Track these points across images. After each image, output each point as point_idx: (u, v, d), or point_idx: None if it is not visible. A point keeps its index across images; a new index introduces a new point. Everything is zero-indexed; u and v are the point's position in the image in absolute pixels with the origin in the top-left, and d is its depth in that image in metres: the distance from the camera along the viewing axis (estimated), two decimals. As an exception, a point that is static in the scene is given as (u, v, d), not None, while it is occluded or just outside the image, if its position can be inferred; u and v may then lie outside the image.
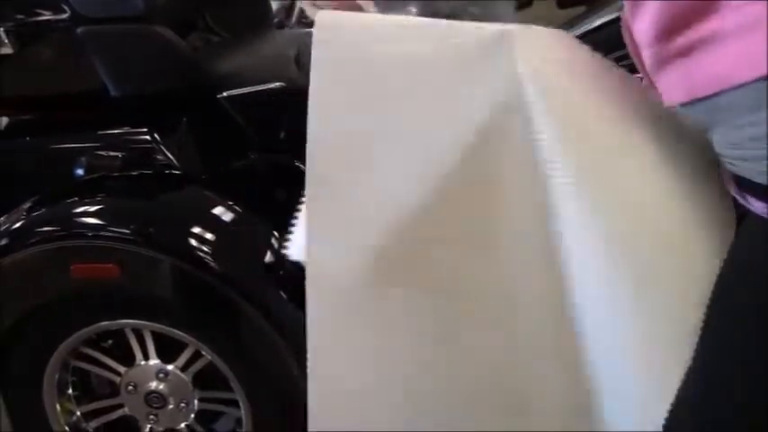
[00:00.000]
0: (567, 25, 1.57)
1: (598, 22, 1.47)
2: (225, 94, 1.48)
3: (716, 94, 0.81)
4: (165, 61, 1.46)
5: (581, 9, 1.65)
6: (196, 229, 1.42)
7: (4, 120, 1.67)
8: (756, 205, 0.85)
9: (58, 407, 1.60)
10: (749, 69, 0.77)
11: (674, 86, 0.86)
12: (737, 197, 0.89)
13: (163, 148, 1.48)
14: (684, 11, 0.80)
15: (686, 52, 0.82)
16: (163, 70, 1.46)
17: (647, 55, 0.87)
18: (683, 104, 0.86)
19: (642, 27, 0.86)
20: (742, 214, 0.89)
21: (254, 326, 1.40)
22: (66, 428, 1.62)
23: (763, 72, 0.76)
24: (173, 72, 1.47)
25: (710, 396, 0.92)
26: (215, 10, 1.76)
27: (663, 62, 0.85)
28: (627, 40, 0.94)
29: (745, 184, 0.85)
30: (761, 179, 0.83)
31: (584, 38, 1.44)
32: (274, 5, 2.01)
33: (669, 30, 0.82)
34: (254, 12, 1.88)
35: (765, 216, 0.84)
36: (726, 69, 0.79)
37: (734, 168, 0.86)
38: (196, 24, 1.73)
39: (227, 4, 1.82)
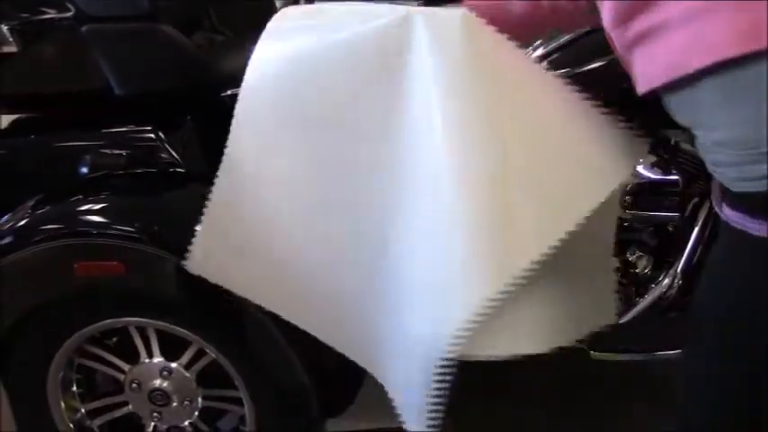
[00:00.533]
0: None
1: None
2: (229, 92, 1.48)
3: (675, 88, 0.83)
4: (169, 60, 1.46)
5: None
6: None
7: (5, 119, 1.67)
8: (728, 214, 0.87)
9: (62, 404, 1.61)
10: (695, 58, 0.79)
11: (638, 77, 0.88)
12: (714, 205, 0.91)
13: (167, 146, 1.48)
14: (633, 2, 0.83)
15: (643, 39, 0.85)
16: (167, 69, 1.47)
17: (614, 39, 0.90)
18: (647, 94, 0.87)
19: (606, 16, 0.90)
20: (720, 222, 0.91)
21: (257, 324, 1.40)
22: (71, 426, 1.63)
23: (704, 62, 0.78)
24: (177, 71, 1.48)
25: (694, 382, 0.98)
26: (220, 9, 1.76)
27: (627, 47, 0.88)
28: (606, 35, 0.97)
29: (727, 193, 0.87)
30: (731, 186, 0.85)
31: (590, 34, 1.45)
32: (278, 4, 2.01)
33: (626, 16, 0.85)
34: (259, 10, 1.88)
35: (734, 225, 0.86)
36: (675, 58, 0.82)
37: (715, 175, 0.89)
38: (201, 23, 1.73)
39: (232, 2, 1.83)
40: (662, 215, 1.53)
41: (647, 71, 0.86)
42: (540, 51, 1.59)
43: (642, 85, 0.88)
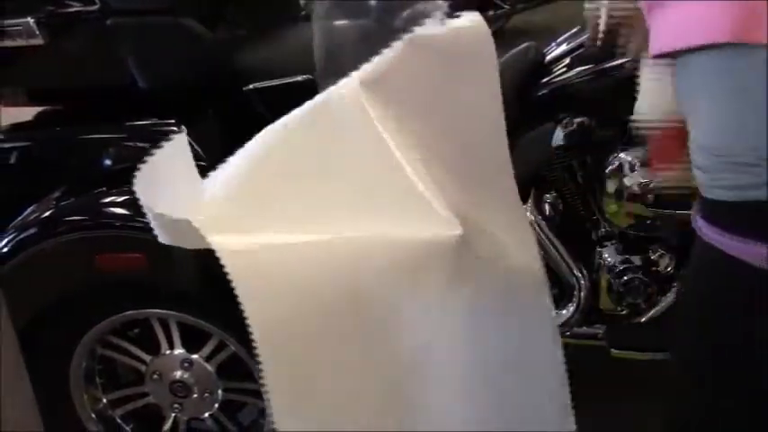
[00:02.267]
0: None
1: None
2: (251, 86, 1.48)
3: (677, 57, 0.79)
4: (192, 53, 1.47)
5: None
6: (222, 221, 1.42)
7: (29, 111, 1.69)
8: (700, 224, 0.84)
9: (84, 394, 1.62)
10: (694, 35, 0.75)
11: (652, 38, 0.83)
12: (692, 220, 0.89)
13: (189, 139, 1.49)
14: None
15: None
16: (190, 62, 1.47)
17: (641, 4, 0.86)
18: (657, 58, 0.83)
19: None
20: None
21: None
22: (93, 416, 1.64)
23: (698, 41, 0.74)
24: (200, 64, 1.48)
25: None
26: (242, 2, 1.76)
27: (649, 7, 0.83)
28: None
29: (702, 203, 0.84)
30: (703, 191, 0.82)
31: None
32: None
33: None
34: (281, 4, 1.88)
35: (703, 237, 0.84)
36: (681, 27, 0.77)
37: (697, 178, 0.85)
38: (224, 17, 1.74)
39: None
40: (685, 213, 1.51)
41: (658, 34, 0.82)
42: (563, 47, 1.58)
43: (653, 47, 0.82)
